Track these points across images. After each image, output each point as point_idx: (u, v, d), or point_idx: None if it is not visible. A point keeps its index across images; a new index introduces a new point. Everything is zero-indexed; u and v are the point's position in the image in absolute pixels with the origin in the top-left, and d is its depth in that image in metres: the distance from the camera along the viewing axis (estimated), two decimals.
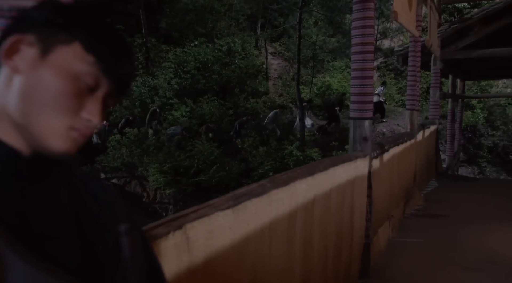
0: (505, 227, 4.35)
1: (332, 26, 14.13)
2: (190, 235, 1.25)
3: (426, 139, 6.12)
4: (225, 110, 13.80)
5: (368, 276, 3.13)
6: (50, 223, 0.60)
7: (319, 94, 16.05)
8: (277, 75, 18.01)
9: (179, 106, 13.58)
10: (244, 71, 15.63)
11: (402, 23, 3.63)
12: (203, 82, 14.72)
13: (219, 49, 15.85)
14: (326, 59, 17.84)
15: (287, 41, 18.38)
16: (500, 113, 16.25)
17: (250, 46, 17.67)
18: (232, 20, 18.46)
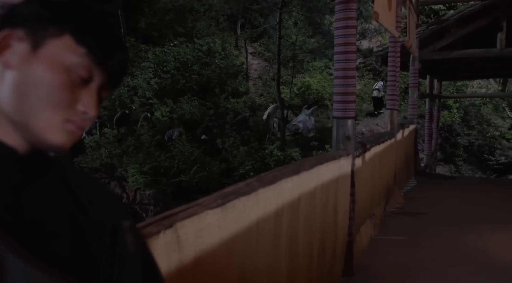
0: (482, 223, 4.47)
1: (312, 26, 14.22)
2: (181, 233, 1.25)
3: (406, 138, 6.23)
4: (205, 110, 13.76)
5: (351, 273, 3.17)
6: (46, 221, 0.60)
7: (299, 94, 16.15)
8: (257, 75, 18.05)
9: (159, 106, 13.50)
10: (224, 71, 15.61)
11: (383, 23, 3.69)
12: (183, 82, 14.64)
13: (199, 49, 15.79)
14: (306, 59, 17.97)
15: (267, 42, 18.45)
16: (475, 113, 16.67)
17: (230, 46, 17.66)
18: (212, 20, 18.43)
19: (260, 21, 17.07)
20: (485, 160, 15.18)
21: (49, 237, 0.59)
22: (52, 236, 0.60)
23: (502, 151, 15.46)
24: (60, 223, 0.62)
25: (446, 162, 14.80)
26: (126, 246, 0.70)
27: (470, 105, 16.88)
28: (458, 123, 15.97)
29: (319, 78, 17.31)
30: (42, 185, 0.63)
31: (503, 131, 16.52)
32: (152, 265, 0.77)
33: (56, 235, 0.61)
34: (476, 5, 7.42)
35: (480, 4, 7.28)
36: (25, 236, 0.56)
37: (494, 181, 10.94)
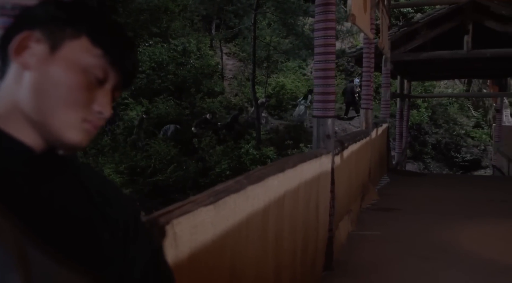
0: (452, 217, 4.65)
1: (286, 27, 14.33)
2: (177, 230, 1.28)
3: (379, 137, 6.41)
4: (181, 110, 13.73)
5: (331, 268, 3.26)
6: (67, 217, 0.62)
7: (274, 94, 16.29)
8: (232, 75, 18.09)
9: (135, 106, 13.37)
10: (199, 71, 15.60)
11: (359, 25, 3.80)
12: (158, 82, 14.56)
13: (174, 49, 15.73)
14: (280, 60, 18.12)
15: (242, 42, 18.49)
16: (442, 112, 17.24)
17: (205, 46, 17.65)
18: (187, 21, 18.33)
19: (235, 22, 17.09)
20: (451, 157, 15.73)
21: (71, 233, 0.61)
22: (73, 232, 0.61)
23: (467, 148, 16.07)
24: (80, 219, 0.64)
25: (415, 159, 15.25)
26: (139, 241, 0.72)
27: (438, 105, 17.45)
28: (427, 122, 16.48)
29: (293, 78, 17.50)
30: (62, 183, 0.64)
31: (468, 129, 17.18)
32: (162, 261, 0.79)
33: (77, 231, 0.62)
34: (444, 8, 7.70)
35: (448, 8, 7.55)
36: (47, 232, 0.57)
37: (461, 177, 11.38)
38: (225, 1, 14.07)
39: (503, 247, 3.73)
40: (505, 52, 7.78)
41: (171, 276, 0.79)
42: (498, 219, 4.63)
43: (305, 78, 18.06)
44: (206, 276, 1.48)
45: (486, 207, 5.23)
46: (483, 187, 6.86)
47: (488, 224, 4.43)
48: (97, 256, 0.64)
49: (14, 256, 0.44)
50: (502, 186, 7.09)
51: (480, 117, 18.48)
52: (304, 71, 18.72)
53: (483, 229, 4.24)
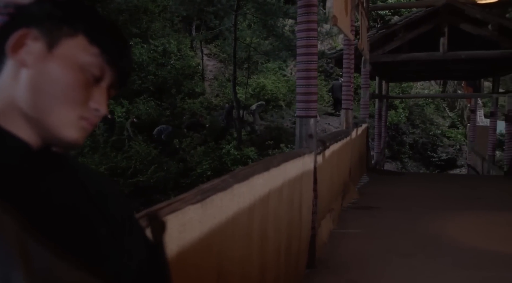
0: (431, 214, 4.77)
1: (266, 29, 14.39)
2: (167, 228, 1.29)
3: (359, 137, 6.52)
4: (161, 111, 13.66)
5: (314, 265, 3.31)
6: (66, 212, 0.62)
7: (254, 95, 16.34)
8: (213, 76, 18.06)
9: (115, 107, 13.23)
10: (180, 72, 15.54)
11: (340, 27, 3.87)
12: (138, 83, 14.45)
13: (154, 50, 15.64)
14: (260, 61, 18.18)
15: (222, 43, 18.47)
16: (419, 113, 17.60)
17: (185, 47, 17.59)
18: (167, 21, 18.23)
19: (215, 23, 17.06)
20: (428, 156, 16.07)
21: (69, 228, 0.61)
22: (71, 227, 0.61)
23: (443, 148, 16.44)
24: (78, 214, 0.64)
25: (393, 159, 15.52)
26: (134, 236, 0.73)
27: (415, 105, 17.80)
28: (404, 123, 16.79)
29: (273, 79, 17.58)
30: (60, 179, 0.64)
31: (444, 129, 17.59)
32: (160, 257, 0.79)
33: (75, 226, 0.62)
34: (421, 11, 7.88)
35: (425, 11, 7.74)
36: (46, 226, 0.57)
37: (437, 176, 11.65)
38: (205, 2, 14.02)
39: (480, 241, 3.85)
40: (479, 54, 8.02)
41: (167, 273, 0.80)
42: (474, 215, 4.77)
43: (285, 79, 18.17)
44: (194, 274, 1.49)
45: (462, 203, 5.39)
46: (459, 185, 7.06)
47: (465, 219, 4.57)
48: (94, 251, 0.64)
49: (16, 252, 0.44)
50: (477, 184, 7.31)
51: (455, 118, 18.94)
52: (284, 72, 18.83)
53: (460, 225, 4.36)
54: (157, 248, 0.79)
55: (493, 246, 3.73)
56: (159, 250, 0.79)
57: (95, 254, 0.64)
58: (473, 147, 12.96)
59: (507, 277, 3.08)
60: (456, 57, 7.95)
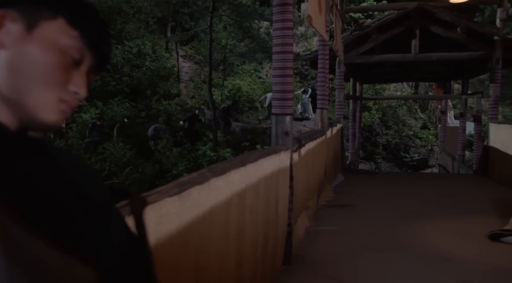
0: (403, 211, 4.88)
1: (242, 30, 14.45)
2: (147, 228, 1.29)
3: (334, 136, 6.61)
4: (137, 113, 13.54)
5: (290, 262, 3.34)
6: (42, 195, 0.61)
7: (230, 97, 16.37)
8: (189, 78, 18.00)
9: (89, 108, 13.03)
10: (155, 73, 15.44)
11: (315, 26, 3.93)
12: (113, 84, 14.29)
13: (129, 51, 15.49)
14: (236, 62, 18.23)
15: (198, 45, 18.46)
16: (392, 114, 17.98)
17: (160, 48, 17.50)
18: (142, 23, 18.07)
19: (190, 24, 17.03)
20: (401, 157, 16.42)
21: (47, 209, 0.60)
22: (50, 209, 0.61)
23: (415, 148, 16.85)
24: (56, 196, 0.63)
25: (367, 159, 15.79)
26: (114, 222, 0.72)
27: (388, 107, 18.17)
28: (377, 124, 17.12)
29: (249, 81, 17.66)
30: (39, 162, 0.64)
31: (416, 130, 18.02)
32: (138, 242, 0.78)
33: (53, 208, 0.62)
34: (393, 13, 8.07)
35: (397, 13, 7.92)
36: (24, 207, 0.57)
37: (410, 175, 11.92)
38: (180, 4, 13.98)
39: (451, 237, 3.97)
40: (449, 56, 8.27)
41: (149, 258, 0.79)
42: (444, 212, 4.91)
43: (260, 81, 18.27)
44: (171, 267, 1.49)
45: (434, 201, 5.53)
46: (431, 184, 7.25)
47: (436, 216, 4.69)
48: (72, 233, 0.63)
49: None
50: (447, 182, 7.53)
51: (427, 119, 19.43)
52: (260, 74, 18.93)
53: (431, 222, 4.48)
54: (138, 230, 0.79)
55: (462, 240, 3.86)
56: (140, 231, 0.79)
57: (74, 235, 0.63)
58: (444, 147, 13.30)
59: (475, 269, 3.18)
60: (427, 59, 8.17)
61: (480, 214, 4.77)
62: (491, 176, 7.40)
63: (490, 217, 4.57)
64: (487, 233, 3.89)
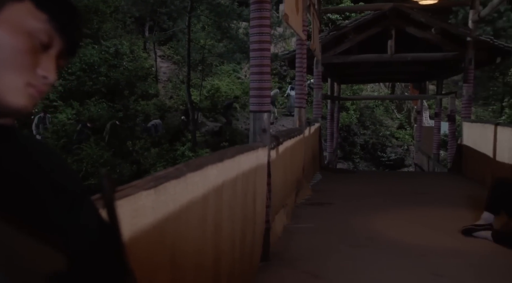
0: (380, 209, 4.95)
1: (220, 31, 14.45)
2: (118, 213, 1.27)
3: (312, 135, 6.66)
4: (114, 113, 13.41)
5: (268, 258, 3.35)
6: (11, 181, 0.61)
7: (209, 97, 16.34)
8: (167, 78, 17.90)
9: (64, 109, 12.82)
10: (133, 73, 15.33)
11: (292, 25, 3.96)
12: (90, 84, 14.13)
13: (106, 51, 15.33)
14: (215, 63, 18.22)
15: (176, 45, 18.37)
16: (369, 115, 18.26)
17: (138, 48, 17.38)
18: (119, 22, 17.90)
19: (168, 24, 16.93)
20: (378, 156, 16.70)
21: (17, 195, 0.60)
22: (20, 195, 0.61)
23: (392, 148, 17.15)
24: (26, 183, 0.63)
25: (345, 159, 15.99)
26: (85, 210, 0.72)
27: (365, 107, 18.44)
28: (355, 124, 17.36)
29: (228, 81, 17.67)
30: (8, 148, 0.63)
31: (393, 130, 18.35)
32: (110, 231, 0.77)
33: (23, 194, 0.62)
34: (370, 14, 8.19)
35: (373, 14, 8.05)
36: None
37: (387, 173, 12.11)
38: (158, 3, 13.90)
39: (425, 232, 4.05)
40: (423, 57, 8.45)
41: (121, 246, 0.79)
42: (420, 208, 5.01)
43: (239, 81, 18.28)
44: (146, 261, 1.48)
45: (409, 198, 5.63)
46: (406, 181, 7.39)
47: (411, 213, 4.78)
48: (42, 219, 0.63)
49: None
50: (422, 180, 7.70)
51: (403, 119, 19.78)
52: (238, 75, 18.95)
53: (407, 218, 4.56)
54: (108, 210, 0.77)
55: (436, 235, 3.95)
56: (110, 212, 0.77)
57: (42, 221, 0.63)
58: (419, 147, 13.57)
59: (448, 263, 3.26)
60: (403, 59, 8.33)
61: (454, 210, 4.88)
62: (464, 173, 7.59)
63: (463, 212, 4.68)
64: (460, 228, 3.98)
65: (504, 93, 18.92)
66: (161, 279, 1.62)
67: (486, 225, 3.90)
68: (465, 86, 7.72)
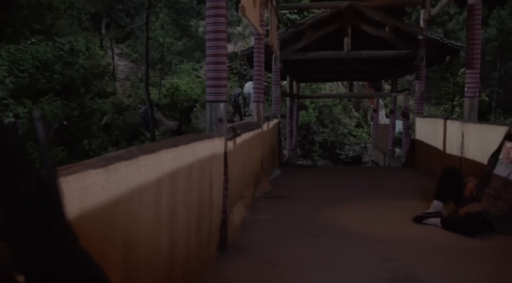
0: (335, 201, 5.07)
1: (179, 28, 14.35)
2: (65, 188, 1.25)
3: (270, 130, 6.73)
4: (69, 111, 13.00)
5: (226, 248, 3.36)
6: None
7: (168, 95, 16.17)
8: (125, 77, 17.54)
9: (16, 107, 12.32)
10: (89, 71, 14.95)
11: (249, 18, 3.99)
12: (43, 82, 13.67)
13: (60, 48, 14.88)
14: (174, 61, 18.04)
15: (134, 43, 18.06)
16: (328, 113, 18.64)
17: (95, 46, 16.95)
18: (74, 19, 17.38)
19: (126, 21, 16.61)
20: (337, 154, 17.08)
21: None
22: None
23: (350, 146, 17.59)
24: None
25: (304, 157, 16.24)
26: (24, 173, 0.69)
27: (324, 106, 18.81)
28: (314, 123, 17.67)
29: (187, 80, 17.53)
30: None
31: (351, 129, 18.83)
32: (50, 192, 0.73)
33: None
34: (326, 11, 8.37)
35: (330, 11, 8.23)
36: None
37: (344, 167, 12.42)
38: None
39: (378, 222, 4.19)
40: (378, 54, 8.72)
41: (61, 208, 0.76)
42: (374, 199, 5.17)
43: (199, 80, 18.18)
44: (97, 241, 1.46)
45: (365, 190, 5.80)
46: (363, 175, 7.60)
47: (366, 203, 4.92)
48: None
49: None
50: (378, 174, 7.95)
51: (361, 118, 20.35)
52: (198, 73, 18.83)
53: (362, 209, 4.69)
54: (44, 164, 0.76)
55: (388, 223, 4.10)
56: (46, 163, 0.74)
57: None
58: (376, 144, 13.98)
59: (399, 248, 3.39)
60: (358, 56, 8.57)
61: (406, 200, 5.06)
62: (417, 167, 7.89)
63: (414, 202, 4.86)
64: (411, 216, 4.14)
65: (455, 93, 19.84)
66: (112, 260, 1.60)
67: (436, 212, 4.08)
68: (417, 83, 8.04)
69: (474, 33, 5.56)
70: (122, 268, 1.66)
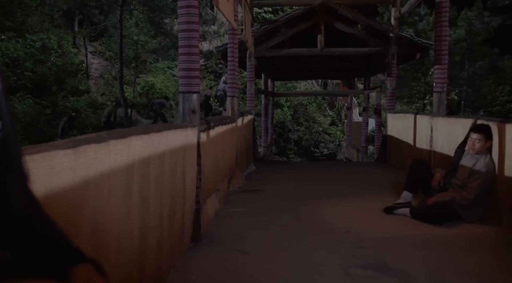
0: (308, 194, 5.15)
1: (154, 26, 14.22)
2: (31, 166, 1.25)
3: (245, 126, 6.76)
4: (41, 110, 12.74)
5: (199, 239, 3.37)
6: None
7: (143, 94, 16.00)
8: (99, 75, 17.27)
9: None
10: (61, 69, 14.67)
11: (223, 11, 4.01)
12: (14, 80, 13.36)
13: (31, 45, 14.56)
14: (149, 60, 17.87)
15: (108, 41, 17.80)
16: (303, 112, 18.82)
17: (67, 43, 16.63)
18: (46, 16, 17.01)
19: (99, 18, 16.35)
20: (312, 152, 17.27)
21: None
22: None
23: (325, 144, 17.81)
24: None
25: (280, 155, 16.36)
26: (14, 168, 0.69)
27: (299, 104, 18.98)
28: (289, 121, 17.81)
29: (163, 78, 17.39)
30: None
31: (325, 127, 19.06)
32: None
33: None
34: (300, 9, 8.46)
35: (303, 9, 8.32)
36: None
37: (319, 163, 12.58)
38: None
39: (351, 212, 4.28)
40: (351, 51, 8.88)
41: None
42: (347, 192, 5.27)
43: (174, 79, 18.07)
44: (65, 223, 1.44)
45: (339, 184, 5.91)
46: (337, 170, 7.73)
47: (339, 196, 5.01)
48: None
49: None
50: (352, 168, 8.10)
51: (335, 116, 20.61)
52: (173, 72, 18.71)
53: (335, 201, 4.77)
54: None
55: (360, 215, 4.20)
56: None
57: None
58: (350, 141, 14.20)
59: (370, 237, 3.48)
60: (332, 53, 8.69)
61: (378, 192, 5.19)
62: (389, 161, 8.07)
63: (385, 195, 4.98)
64: (382, 207, 4.25)
65: (426, 92, 20.33)
66: (81, 244, 1.60)
67: (405, 203, 4.20)
68: (389, 80, 8.21)
69: (442, 30, 5.73)
70: (91, 254, 1.65)
